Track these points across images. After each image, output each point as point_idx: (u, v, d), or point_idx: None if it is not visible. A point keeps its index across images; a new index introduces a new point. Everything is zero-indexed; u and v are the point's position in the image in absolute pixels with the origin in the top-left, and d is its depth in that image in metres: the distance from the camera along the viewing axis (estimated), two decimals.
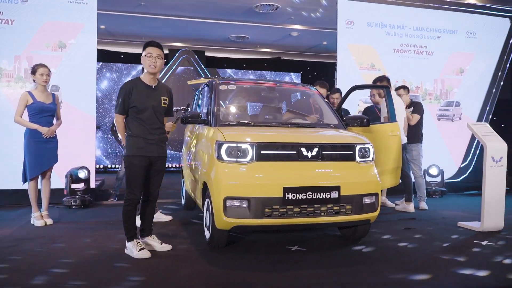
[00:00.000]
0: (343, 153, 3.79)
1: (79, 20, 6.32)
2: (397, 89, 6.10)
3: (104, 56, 11.22)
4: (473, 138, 7.90)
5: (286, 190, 3.48)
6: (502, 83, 8.03)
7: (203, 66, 12.01)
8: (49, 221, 4.84)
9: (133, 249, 3.50)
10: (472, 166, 7.90)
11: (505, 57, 8.03)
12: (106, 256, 3.58)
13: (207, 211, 3.92)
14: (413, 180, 6.19)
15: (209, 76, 12.02)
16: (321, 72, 13.26)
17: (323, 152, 3.69)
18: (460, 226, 4.84)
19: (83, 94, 6.31)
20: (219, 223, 3.55)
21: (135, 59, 11.92)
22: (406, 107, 5.96)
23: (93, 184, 6.29)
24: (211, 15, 9.66)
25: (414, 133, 5.99)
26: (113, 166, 11.53)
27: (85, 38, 6.34)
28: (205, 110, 4.61)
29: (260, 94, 4.69)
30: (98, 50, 6.59)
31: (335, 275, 3.16)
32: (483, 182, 4.61)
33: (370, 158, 3.92)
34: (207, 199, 3.92)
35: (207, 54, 12.41)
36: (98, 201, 6.34)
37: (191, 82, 6.23)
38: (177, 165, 11.53)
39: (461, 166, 7.83)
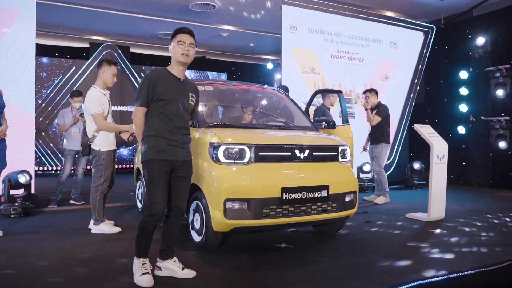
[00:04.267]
0: (329, 154, 4.03)
1: (15, 6, 5.66)
2: (364, 92, 6.62)
3: None
4: (395, 138, 8.80)
5: (284, 190, 3.60)
6: (418, 89, 9.05)
7: (127, 62, 11.50)
8: None
9: (137, 270, 3.00)
10: (395, 164, 8.79)
11: (420, 66, 9.07)
12: (103, 266, 3.34)
13: (196, 214, 3.86)
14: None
15: (134, 73, 11.55)
16: (245, 72, 13.52)
17: (313, 154, 3.88)
18: (409, 217, 5.41)
19: (21, 91, 5.66)
20: (218, 225, 3.54)
21: (50, 51, 10.95)
22: (371, 109, 6.50)
23: (33, 190, 5.70)
24: (143, 10, 9.29)
25: (381, 135, 6.51)
26: (41, 168, 10.62)
27: (21, 27, 5.69)
28: None
29: (237, 96, 4.72)
30: None
31: (337, 268, 3.37)
32: (430, 177, 5.23)
33: (348, 159, 4.22)
34: (195, 202, 3.87)
35: (132, 50, 11.90)
36: (36, 208, 5.75)
37: None
38: (127, 166, 11.62)
39: (386, 163, 8.66)
